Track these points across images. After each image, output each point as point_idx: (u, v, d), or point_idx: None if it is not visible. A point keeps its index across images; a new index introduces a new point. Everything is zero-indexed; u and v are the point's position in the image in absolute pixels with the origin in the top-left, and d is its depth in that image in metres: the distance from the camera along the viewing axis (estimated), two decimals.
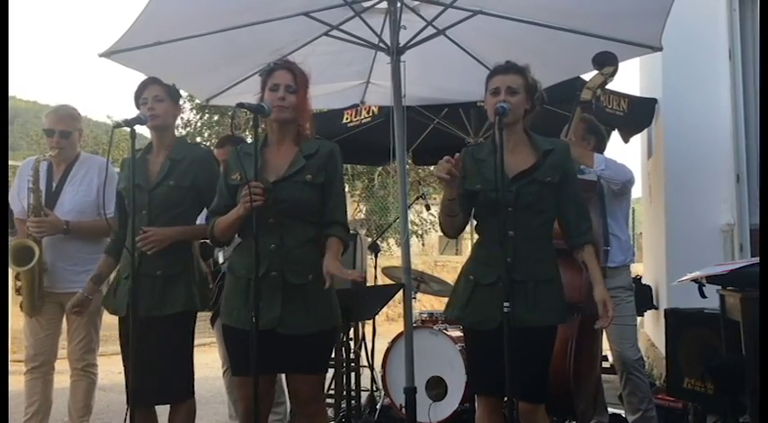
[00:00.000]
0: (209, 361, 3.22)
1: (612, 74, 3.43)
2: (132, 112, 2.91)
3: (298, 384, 2.62)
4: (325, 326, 2.61)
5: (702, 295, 3.03)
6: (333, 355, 4.01)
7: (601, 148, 3.81)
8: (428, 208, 6.25)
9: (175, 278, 2.84)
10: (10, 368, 3.04)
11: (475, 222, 2.79)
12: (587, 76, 4.38)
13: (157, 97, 2.88)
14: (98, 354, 3.68)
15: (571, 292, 3.11)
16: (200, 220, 3.06)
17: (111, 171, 3.65)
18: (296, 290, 2.55)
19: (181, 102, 3.06)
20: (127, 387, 2.70)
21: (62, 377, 3.69)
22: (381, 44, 3.61)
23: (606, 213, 3.67)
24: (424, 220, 13.62)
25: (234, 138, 3.51)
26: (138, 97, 2.90)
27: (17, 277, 3.41)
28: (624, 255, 3.75)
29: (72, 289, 3.47)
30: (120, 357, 2.86)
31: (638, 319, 6.02)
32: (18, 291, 3.44)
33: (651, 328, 6.13)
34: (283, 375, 2.85)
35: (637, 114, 5.18)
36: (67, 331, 3.58)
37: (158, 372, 2.76)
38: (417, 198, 5.85)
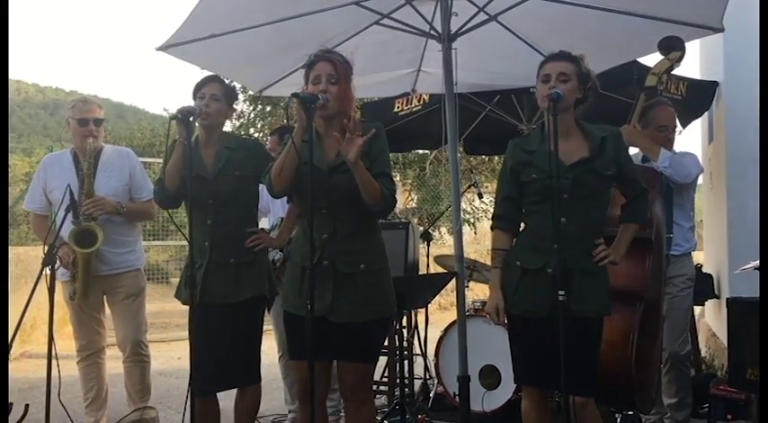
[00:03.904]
0: (263, 347, 3.30)
1: (679, 59, 3.35)
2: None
3: (346, 371, 2.66)
4: (377, 315, 2.62)
5: None
6: (386, 344, 4.05)
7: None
8: (480, 196, 6.20)
9: (248, 265, 2.91)
10: (63, 353, 3.15)
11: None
12: (646, 60, 4.26)
13: (215, 96, 2.94)
14: (157, 339, 3.78)
15: (633, 282, 3.05)
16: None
17: (136, 158, 3.77)
18: (347, 279, 2.58)
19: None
20: (191, 374, 2.76)
21: (116, 363, 3.80)
22: (432, 32, 3.59)
23: (672, 202, 3.58)
24: (476, 208, 13.47)
25: (287, 127, 3.56)
26: (197, 91, 2.96)
27: (73, 263, 3.51)
28: (688, 243, 3.66)
29: (113, 271, 3.61)
30: (182, 344, 2.93)
31: (699, 308, 5.87)
32: (74, 277, 3.55)
33: (712, 318, 5.96)
34: None
35: (696, 98, 5.01)
36: (113, 319, 3.70)
37: (229, 357, 2.84)
38: (469, 186, 5.80)
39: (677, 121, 3.84)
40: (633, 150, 3.52)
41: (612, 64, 3.78)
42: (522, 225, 2.76)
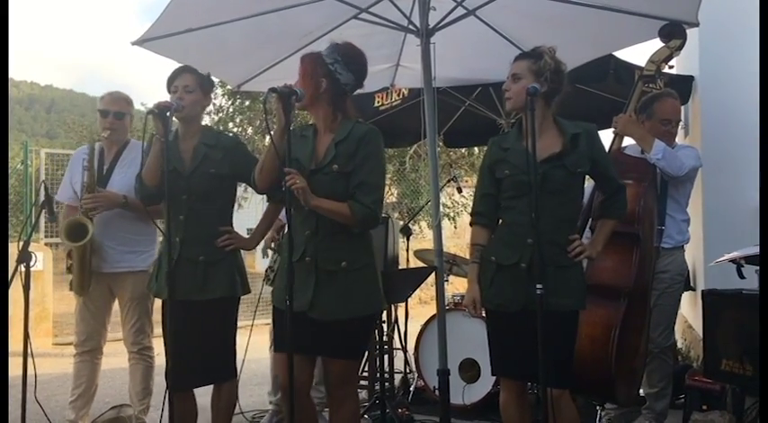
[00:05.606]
0: (244, 344, 3.30)
1: (680, 47, 3.30)
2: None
3: (329, 367, 2.67)
4: (358, 313, 2.61)
5: (741, 276, 2.98)
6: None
7: None
8: (460, 191, 6.21)
9: (217, 264, 2.88)
10: (39, 351, 3.13)
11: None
12: (622, 54, 4.29)
13: (187, 88, 2.91)
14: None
15: (618, 277, 3.07)
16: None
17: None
18: (328, 276, 2.58)
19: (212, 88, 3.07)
20: (167, 370, 2.76)
21: (110, 359, 3.77)
22: (411, 26, 3.59)
23: (666, 193, 3.57)
24: (456, 202, 13.51)
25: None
26: (170, 84, 2.94)
27: (69, 255, 3.48)
28: (681, 235, 3.66)
29: (119, 269, 3.54)
30: (161, 340, 2.92)
31: None
32: (69, 269, 3.52)
33: (688, 310, 6.04)
34: None
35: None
36: (121, 316, 3.66)
37: (202, 353, 2.82)
38: (449, 181, 5.81)
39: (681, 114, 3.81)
40: (629, 141, 3.53)
41: (589, 58, 3.80)
42: (499, 221, 2.78)
